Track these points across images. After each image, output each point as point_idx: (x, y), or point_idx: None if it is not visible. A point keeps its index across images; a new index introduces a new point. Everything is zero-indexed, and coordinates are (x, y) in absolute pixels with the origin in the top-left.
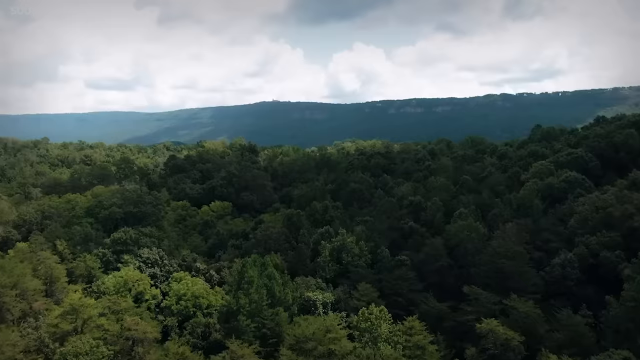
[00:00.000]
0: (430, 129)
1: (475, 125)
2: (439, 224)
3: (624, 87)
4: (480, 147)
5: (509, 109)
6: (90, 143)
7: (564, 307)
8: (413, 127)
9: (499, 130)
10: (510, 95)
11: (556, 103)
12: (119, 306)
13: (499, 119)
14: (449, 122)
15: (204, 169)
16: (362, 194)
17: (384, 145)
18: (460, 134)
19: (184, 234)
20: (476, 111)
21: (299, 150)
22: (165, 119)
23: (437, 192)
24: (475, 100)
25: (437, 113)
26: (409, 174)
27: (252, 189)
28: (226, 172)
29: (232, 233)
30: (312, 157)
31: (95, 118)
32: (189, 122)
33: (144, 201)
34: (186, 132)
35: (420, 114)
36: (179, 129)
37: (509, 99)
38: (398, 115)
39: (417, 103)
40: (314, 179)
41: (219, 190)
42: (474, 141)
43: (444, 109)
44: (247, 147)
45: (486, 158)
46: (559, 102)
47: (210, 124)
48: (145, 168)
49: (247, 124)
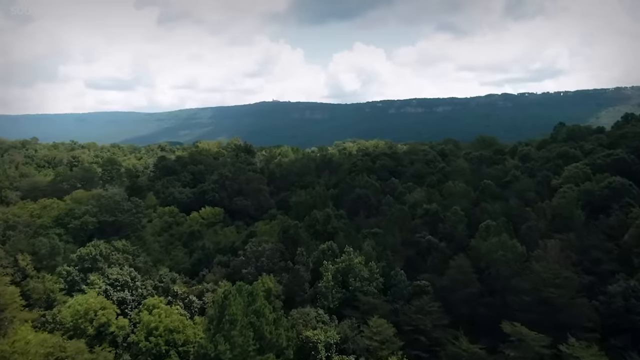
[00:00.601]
0: (432, 129)
1: (477, 125)
2: (462, 238)
3: (626, 87)
4: (497, 148)
5: (510, 109)
6: (82, 143)
7: (629, 349)
8: (414, 127)
9: (501, 130)
10: (511, 95)
11: (558, 103)
12: (64, 352)
13: (500, 119)
14: (450, 122)
15: (196, 171)
16: (369, 200)
17: (387, 145)
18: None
19: (168, 245)
20: (477, 111)
21: (299, 150)
22: (165, 119)
23: (456, 199)
24: (476, 100)
25: (438, 113)
26: (420, 177)
27: (247, 194)
28: (218, 174)
29: (220, 247)
30: (312, 157)
31: (95, 118)
32: (189, 122)
33: (122, 208)
34: (186, 132)
35: (421, 114)
36: (178, 129)
37: (510, 99)
38: (398, 115)
39: (418, 103)
40: (314, 182)
41: (210, 195)
42: (485, 141)
43: (445, 108)
44: (242, 148)
45: (507, 160)
46: (561, 102)
47: (210, 124)
48: (134, 170)
49: (247, 124)
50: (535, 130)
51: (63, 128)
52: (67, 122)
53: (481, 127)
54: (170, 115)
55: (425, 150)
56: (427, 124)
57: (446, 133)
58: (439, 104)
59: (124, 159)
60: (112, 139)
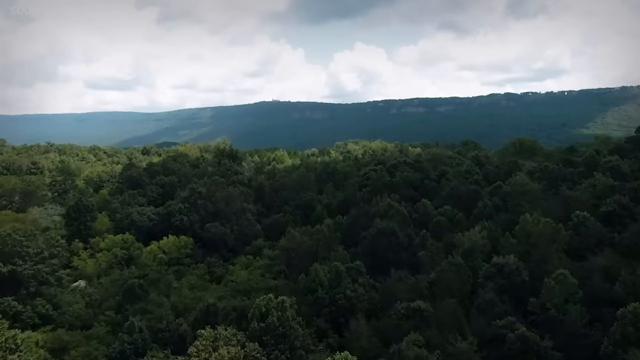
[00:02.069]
0: (434, 129)
1: (480, 125)
2: (580, 331)
3: (632, 86)
4: (567, 156)
5: (513, 109)
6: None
7: None
8: (415, 127)
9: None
10: (514, 95)
11: (561, 102)
12: None
13: (504, 118)
14: (452, 122)
15: (167, 183)
16: (396, 238)
17: (397, 148)
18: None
19: (98, 306)
20: (480, 111)
21: (297, 154)
22: (164, 118)
23: (542, 245)
24: (478, 99)
25: (439, 113)
26: (460, 198)
27: (226, 216)
28: (190, 190)
29: (159, 330)
30: (311, 166)
31: (94, 118)
32: (189, 122)
33: (27, 253)
34: (186, 132)
35: (422, 114)
36: (178, 129)
37: (513, 99)
38: (400, 115)
39: (419, 102)
40: (314, 200)
41: (177, 218)
42: (524, 145)
43: (447, 108)
44: (226, 153)
45: (596, 176)
46: (565, 101)
47: (210, 123)
48: (98, 180)
49: (246, 124)
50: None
51: (62, 128)
52: (66, 122)
53: (484, 127)
54: (170, 115)
55: (454, 158)
56: (429, 124)
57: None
58: (440, 103)
59: (92, 164)
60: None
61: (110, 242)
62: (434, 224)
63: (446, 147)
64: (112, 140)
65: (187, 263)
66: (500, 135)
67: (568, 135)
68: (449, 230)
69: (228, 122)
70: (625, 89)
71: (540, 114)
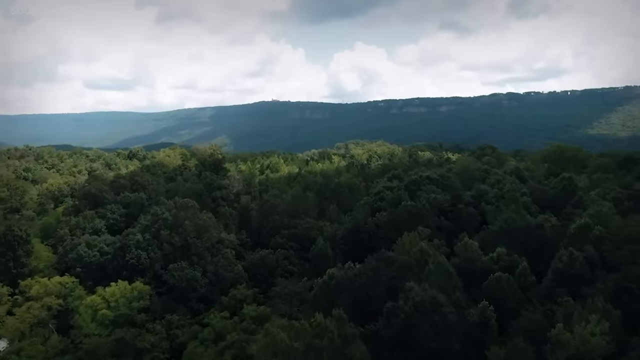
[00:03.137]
0: (435, 129)
1: (482, 125)
2: None
3: (636, 86)
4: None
5: (515, 109)
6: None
7: None
8: (417, 127)
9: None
10: (516, 95)
11: (564, 102)
12: None
13: (506, 118)
14: (453, 122)
15: (132, 201)
16: (443, 318)
17: (405, 153)
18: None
19: None
20: (481, 111)
21: (294, 159)
22: (164, 118)
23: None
24: (480, 99)
25: (441, 113)
26: (514, 235)
27: (197, 253)
28: (153, 216)
29: None
30: (310, 180)
31: (93, 118)
32: (189, 121)
33: None
34: (186, 132)
35: (423, 114)
36: (178, 128)
37: (515, 98)
38: (400, 115)
39: (420, 102)
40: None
41: (134, 255)
42: (565, 153)
43: (448, 108)
44: (208, 164)
45: None
46: (567, 101)
47: (210, 123)
48: (58, 193)
49: (246, 124)
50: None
51: (61, 128)
52: (66, 122)
53: (487, 127)
54: (170, 115)
55: (487, 171)
56: (430, 124)
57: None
58: (442, 103)
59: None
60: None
61: (42, 288)
62: (492, 284)
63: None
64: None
65: (140, 322)
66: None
67: (572, 135)
68: (516, 298)
69: (228, 122)
70: (629, 89)
71: (543, 114)
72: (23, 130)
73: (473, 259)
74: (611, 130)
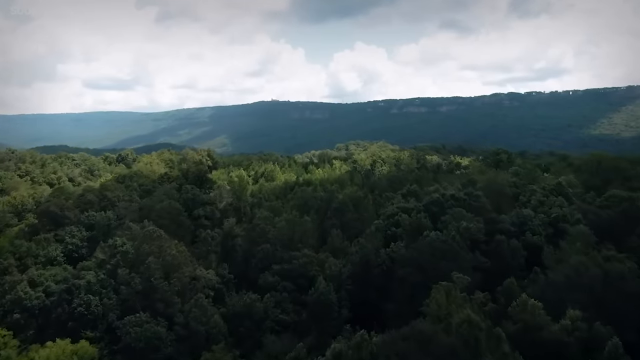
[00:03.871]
0: (435, 129)
1: (483, 125)
2: None
3: (639, 86)
4: None
5: (517, 109)
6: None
7: None
8: (417, 127)
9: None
10: (518, 95)
11: (566, 102)
12: None
13: (507, 118)
14: (454, 122)
15: (97, 222)
16: None
17: (411, 157)
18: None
19: None
20: (482, 110)
21: (292, 165)
22: (163, 118)
23: None
24: (481, 99)
25: (441, 112)
26: (586, 289)
27: (163, 298)
28: (110, 248)
29: None
30: (309, 197)
31: (92, 118)
32: (188, 121)
33: None
34: (185, 132)
35: (424, 114)
36: (177, 128)
37: (517, 98)
38: (401, 115)
39: (421, 102)
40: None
41: (83, 300)
42: (603, 163)
43: (449, 108)
44: (192, 174)
45: None
46: (569, 101)
47: (209, 123)
48: (21, 207)
49: (246, 124)
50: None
51: (60, 128)
52: (65, 122)
53: (487, 127)
54: (169, 115)
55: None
56: (431, 124)
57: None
58: (442, 103)
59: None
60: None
61: None
62: None
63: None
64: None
65: None
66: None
67: (574, 136)
68: None
69: (227, 122)
70: (631, 89)
71: (545, 114)
72: (22, 131)
73: (537, 327)
74: (614, 130)
